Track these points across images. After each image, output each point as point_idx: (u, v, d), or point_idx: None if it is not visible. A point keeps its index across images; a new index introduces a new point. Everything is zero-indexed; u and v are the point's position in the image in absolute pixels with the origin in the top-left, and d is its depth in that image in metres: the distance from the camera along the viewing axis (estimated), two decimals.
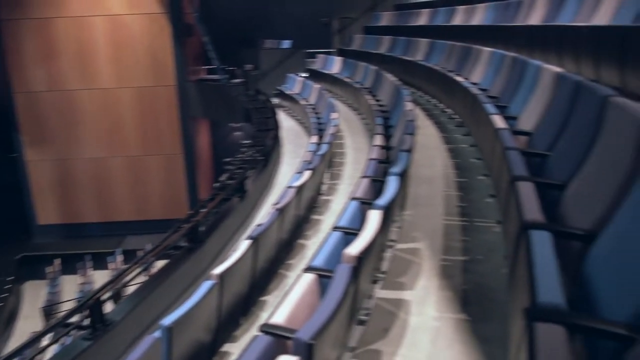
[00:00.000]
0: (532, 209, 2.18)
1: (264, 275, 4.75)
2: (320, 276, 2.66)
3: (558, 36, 5.97)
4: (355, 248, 2.43)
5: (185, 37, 18.77)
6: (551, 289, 1.58)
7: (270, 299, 4.55)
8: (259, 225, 4.95)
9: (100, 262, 15.60)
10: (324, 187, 6.80)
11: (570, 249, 2.14)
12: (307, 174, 5.46)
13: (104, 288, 4.90)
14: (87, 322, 4.63)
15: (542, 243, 1.87)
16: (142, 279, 6.15)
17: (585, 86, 2.99)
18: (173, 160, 19.14)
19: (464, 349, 2.48)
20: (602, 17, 6.03)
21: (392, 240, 3.69)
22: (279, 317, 2.37)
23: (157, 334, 3.46)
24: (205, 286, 3.80)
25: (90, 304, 4.62)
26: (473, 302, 2.86)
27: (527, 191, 2.37)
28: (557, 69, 3.91)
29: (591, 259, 1.90)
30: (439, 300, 2.90)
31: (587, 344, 1.71)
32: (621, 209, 1.88)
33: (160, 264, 6.28)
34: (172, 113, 18.88)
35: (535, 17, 7.95)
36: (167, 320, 3.46)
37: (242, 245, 4.20)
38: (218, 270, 3.91)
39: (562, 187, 2.60)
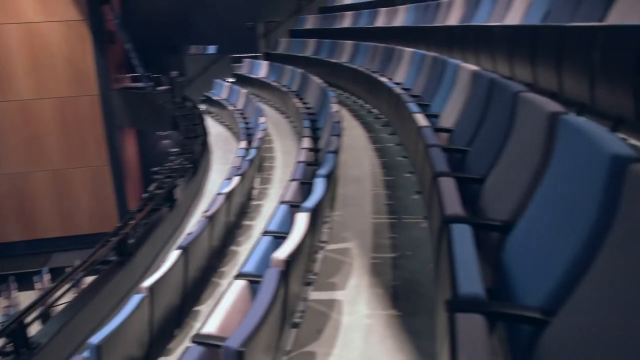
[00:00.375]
0: (452, 203, 2.24)
1: (196, 285, 4.67)
2: (251, 282, 2.64)
3: (475, 36, 6.20)
4: (283, 252, 2.42)
5: (107, 45, 18.19)
6: (471, 280, 1.63)
7: (203, 308, 4.48)
8: (189, 234, 4.87)
9: (25, 283, 14.84)
10: (255, 192, 6.77)
11: (491, 240, 2.22)
12: (236, 180, 5.42)
13: (28, 310, 4.67)
14: (10, 347, 4.40)
15: (462, 236, 1.93)
16: (70, 297, 5.91)
17: (499, 83, 3.11)
18: (99, 172, 18.51)
19: (396, 344, 2.52)
20: (514, 17, 6.31)
21: (322, 242, 3.71)
22: (211, 327, 2.34)
23: (86, 353, 3.34)
24: (134, 300, 3.69)
25: (12, 328, 4.39)
26: (403, 297, 2.92)
27: (448, 186, 2.44)
28: (474, 67, 4.05)
29: (508, 248, 1.98)
30: (370, 298, 2.94)
31: (509, 330, 1.78)
32: (533, 199, 1.97)
33: (89, 280, 6.06)
34: (97, 123, 18.26)
35: (453, 18, 8.22)
36: (96, 338, 3.34)
37: (172, 256, 4.12)
38: (147, 282, 3.81)
39: (481, 181, 2.69)
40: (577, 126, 1.81)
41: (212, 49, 21.06)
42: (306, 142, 5.33)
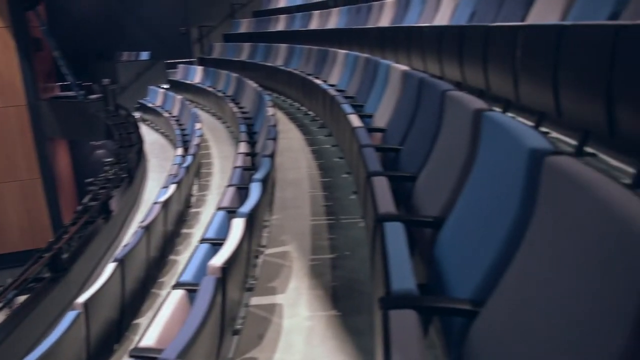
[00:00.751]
0: (385, 202, 2.27)
1: (135, 297, 4.55)
2: (189, 291, 2.59)
3: (405, 36, 6.32)
4: (219, 259, 2.39)
5: (33, 53, 17.46)
6: (403, 276, 1.66)
7: (143, 321, 4.37)
8: (125, 245, 4.74)
9: None
10: (193, 199, 6.66)
11: (424, 236, 2.27)
12: (172, 188, 5.32)
13: None
14: None
15: (395, 234, 1.95)
16: (2, 317, 5.66)
17: (427, 82, 3.18)
18: (30, 185, 17.73)
19: (337, 344, 2.54)
20: (442, 18, 6.48)
21: (262, 246, 3.70)
22: (149, 339, 2.28)
23: None
24: (69, 317, 3.56)
25: None
26: (343, 297, 2.94)
27: (380, 185, 2.47)
28: (404, 68, 4.13)
29: (439, 244, 2.02)
30: (310, 300, 2.95)
31: (443, 322, 1.82)
32: (461, 194, 2.03)
33: (22, 299, 5.81)
34: (26, 135, 17.49)
35: (385, 19, 8.37)
36: (29, 359, 3.21)
37: (108, 269, 4.00)
38: (82, 298, 3.69)
39: (414, 179, 2.74)
40: (499, 122, 1.88)
41: (145, 55, 20.61)
42: (243, 147, 5.30)
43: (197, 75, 14.38)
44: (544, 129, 3.79)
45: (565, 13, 3.98)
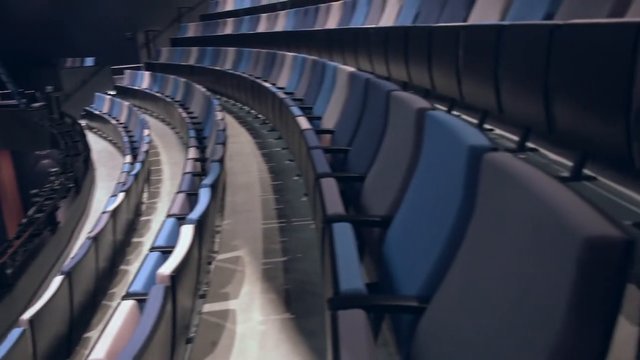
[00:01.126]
0: (333, 203, 2.29)
1: (85, 310, 4.43)
2: (139, 301, 2.54)
3: (352, 38, 6.38)
4: (168, 267, 2.36)
5: None
6: (351, 276, 1.67)
7: (94, 334, 4.26)
8: (73, 257, 4.61)
9: None
10: (143, 207, 6.54)
11: (373, 236, 2.29)
12: (121, 196, 5.21)
13: None
14: None
15: (343, 234, 1.97)
16: None
17: (373, 83, 3.21)
18: None
19: (291, 347, 2.53)
20: (388, 19, 6.57)
21: (213, 252, 3.66)
22: (99, 353, 2.21)
23: None
24: (13, 335, 3.44)
25: None
26: (296, 299, 2.93)
27: (329, 187, 2.48)
28: (351, 69, 4.16)
29: (387, 242, 2.05)
30: (263, 304, 2.93)
31: (393, 320, 1.84)
32: (407, 192, 2.06)
33: None
34: None
35: (332, 21, 8.42)
36: None
37: (54, 283, 3.88)
38: (27, 314, 3.56)
39: (362, 179, 2.77)
40: (441, 121, 1.91)
41: (90, 61, 20.12)
42: (192, 153, 5.23)
43: (144, 80, 14.12)
44: (487, 127, 3.88)
45: (504, 13, 4.10)
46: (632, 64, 2.02)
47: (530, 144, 3.33)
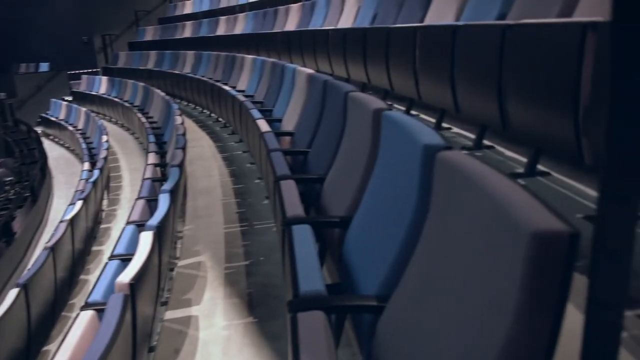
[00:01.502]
0: (293, 205, 2.28)
1: (43, 322, 4.31)
2: (98, 311, 2.49)
3: (311, 40, 6.39)
4: (127, 275, 2.32)
5: None
6: (311, 278, 1.67)
7: (53, 347, 4.15)
8: (29, 268, 4.48)
9: None
10: (103, 215, 6.41)
11: (334, 237, 2.29)
12: (79, 205, 5.09)
13: None
14: None
15: (302, 236, 1.97)
16: None
17: (331, 84, 3.22)
18: None
19: (255, 351, 2.52)
20: (346, 21, 6.60)
21: (175, 258, 3.61)
22: None
23: None
24: None
25: None
26: (259, 303, 2.92)
27: (288, 189, 2.48)
28: (309, 70, 4.16)
29: (347, 243, 2.06)
30: (226, 308, 2.91)
31: (355, 320, 1.84)
32: (365, 192, 2.07)
33: None
34: None
35: (291, 23, 8.42)
36: None
37: (10, 296, 3.76)
38: None
39: (322, 180, 2.77)
40: (396, 121, 1.93)
41: (44, 66, 19.63)
42: (152, 158, 5.16)
43: (102, 85, 13.86)
44: (446, 125, 3.94)
45: (460, 13, 4.17)
46: (579, 63, 2.07)
47: (487, 142, 3.39)
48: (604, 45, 1.97)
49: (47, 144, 12.01)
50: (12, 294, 3.72)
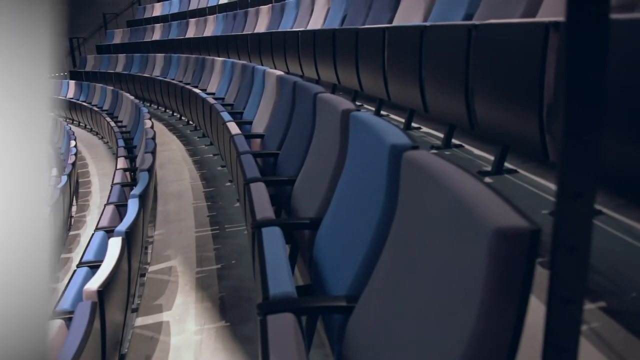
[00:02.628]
0: (262, 207, 2.27)
1: None
2: (66, 320, 2.44)
3: (282, 41, 6.38)
4: (95, 282, 2.28)
5: None
6: (280, 280, 1.67)
7: None
8: None
9: None
10: (72, 221, 6.30)
11: (305, 238, 2.29)
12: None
13: None
14: None
15: (272, 238, 1.96)
16: None
17: (301, 86, 3.22)
18: None
19: (227, 355, 2.50)
20: (316, 22, 6.61)
21: (146, 264, 3.57)
22: None
23: None
24: None
25: None
26: (231, 307, 2.90)
27: (258, 191, 2.47)
28: (279, 72, 4.15)
29: (317, 244, 2.05)
30: (198, 313, 2.88)
31: (325, 321, 1.84)
32: (335, 193, 2.07)
33: None
34: None
35: (261, 25, 8.40)
36: None
37: None
38: None
39: (292, 182, 2.77)
40: (364, 121, 1.93)
41: None
42: (121, 163, 5.09)
43: (69, 89, 13.62)
44: (415, 125, 3.97)
45: (427, 14, 4.21)
46: (542, 62, 2.11)
47: (456, 141, 3.43)
48: None
49: None
50: None
